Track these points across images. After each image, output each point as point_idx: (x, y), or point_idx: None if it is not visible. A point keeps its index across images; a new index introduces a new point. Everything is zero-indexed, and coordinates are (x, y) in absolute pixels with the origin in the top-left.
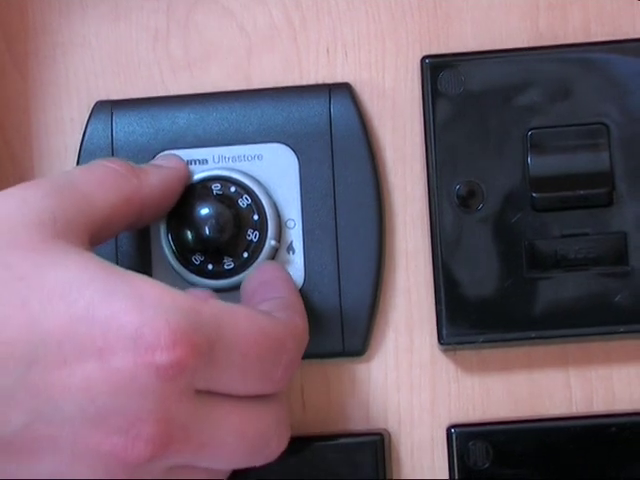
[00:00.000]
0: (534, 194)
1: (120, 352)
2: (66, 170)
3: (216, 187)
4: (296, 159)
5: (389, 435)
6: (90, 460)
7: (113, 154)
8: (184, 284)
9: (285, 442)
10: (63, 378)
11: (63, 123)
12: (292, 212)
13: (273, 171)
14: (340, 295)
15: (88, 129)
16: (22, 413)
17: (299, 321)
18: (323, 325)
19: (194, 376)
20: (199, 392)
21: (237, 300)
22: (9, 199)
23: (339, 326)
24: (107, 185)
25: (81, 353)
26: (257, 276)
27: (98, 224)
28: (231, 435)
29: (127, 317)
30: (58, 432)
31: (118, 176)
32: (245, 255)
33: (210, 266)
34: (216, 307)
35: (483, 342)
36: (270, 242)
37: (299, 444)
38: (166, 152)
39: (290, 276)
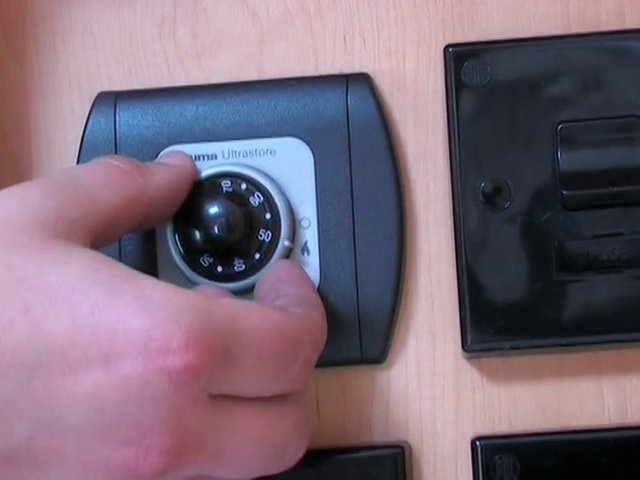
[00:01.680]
0: (564, 191)
1: (129, 357)
2: (68, 168)
3: (226, 184)
4: (311, 154)
5: (410, 448)
6: (99, 474)
7: (116, 148)
8: (192, 287)
9: (304, 447)
10: (68, 387)
11: (63, 115)
12: (307, 211)
13: (287, 167)
14: (358, 299)
15: (90, 122)
16: (25, 424)
17: (316, 316)
18: (340, 330)
19: (209, 380)
20: (213, 397)
21: None
22: (9, 199)
23: (357, 332)
24: (111, 184)
25: (87, 359)
26: (272, 275)
27: (101, 225)
28: (248, 441)
29: (135, 320)
30: (63, 444)
31: (123, 175)
32: (257, 256)
33: (220, 268)
34: (229, 306)
35: (510, 349)
36: (283, 242)
37: (314, 457)
38: (172, 147)
39: (306, 274)
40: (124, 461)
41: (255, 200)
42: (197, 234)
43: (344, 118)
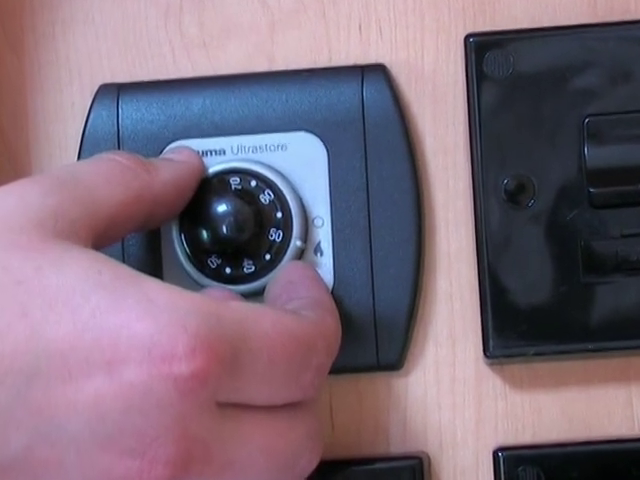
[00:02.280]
0: (591, 189)
1: (132, 363)
2: (68, 164)
3: (235, 181)
4: (324, 150)
5: (429, 459)
6: None
7: (119, 143)
8: (199, 290)
9: (317, 458)
10: (68, 394)
11: (63, 109)
12: (320, 209)
13: (299, 163)
14: (374, 302)
15: (91, 115)
16: (23, 434)
17: (330, 320)
18: (355, 336)
19: (217, 388)
20: (221, 405)
21: None
22: (6, 197)
23: (373, 336)
24: (114, 181)
25: (88, 366)
26: (283, 277)
27: (104, 224)
28: (258, 452)
29: (139, 324)
30: (63, 455)
31: (126, 171)
32: (267, 257)
33: (228, 270)
34: (238, 309)
35: (534, 355)
36: (295, 242)
37: (328, 469)
38: (178, 142)
39: (319, 276)
40: (127, 473)
41: (265, 198)
42: (204, 234)
43: (359, 111)
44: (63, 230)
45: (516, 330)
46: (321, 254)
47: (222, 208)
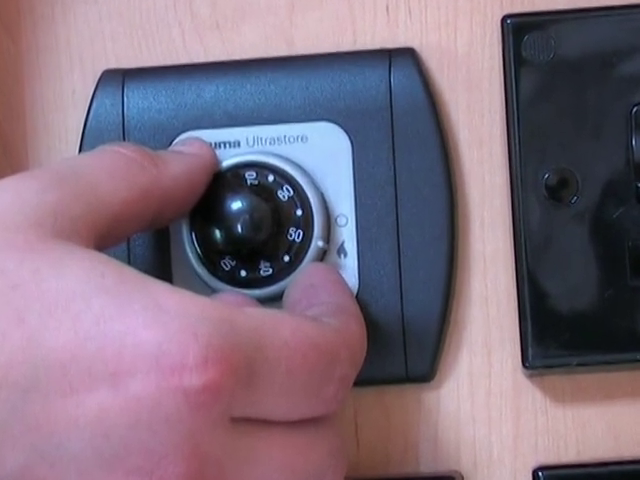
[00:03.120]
0: None
1: (139, 375)
2: (69, 157)
3: (250, 176)
4: (348, 141)
5: (462, 478)
6: None
7: (124, 134)
8: (211, 294)
9: (341, 477)
10: (69, 409)
11: (63, 97)
12: (343, 206)
13: (320, 156)
14: (402, 307)
15: (94, 104)
16: (19, 452)
17: (354, 327)
18: (381, 344)
19: (230, 402)
20: (235, 420)
21: None
22: (1, 194)
23: (401, 345)
24: (119, 176)
25: (90, 377)
26: (303, 280)
27: (107, 223)
28: (275, 472)
29: (146, 332)
30: (63, 475)
31: (132, 165)
32: (286, 259)
33: (243, 272)
34: (254, 316)
35: (578, 365)
36: (317, 243)
37: None
38: (189, 133)
39: (343, 279)
40: None
41: (284, 194)
42: (217, 233)
43: (386, 99)
44: (63, 229)
45: (558, 338)
46: (345, 255)
47: (237, 205)
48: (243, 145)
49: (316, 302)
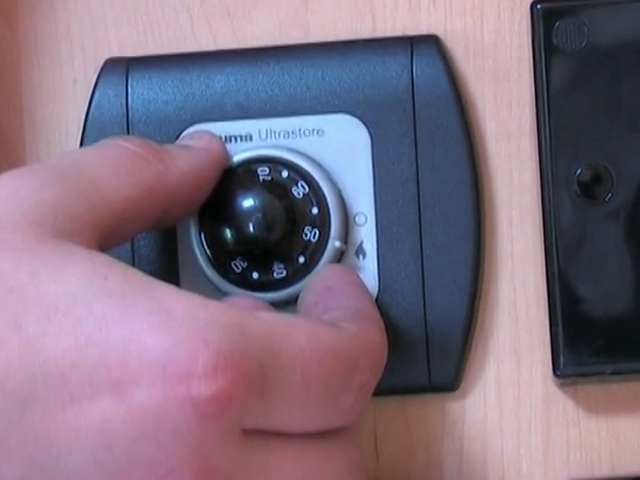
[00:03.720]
0: None
1: (144, 384)
2: (69, 151)
3: (263, 171)
4: (367, 135)
5: None
6: None
7: (128, 128)
8: (221, 298)
9: None
10: (69, 419)
11: (63, 87)
12: (362, 204)
13: (338, 150)
14: (425, 312)
15: (96, 95)
16: (16, 466)
17: (374, 333)
18: (403, 351)
19: (242, 412)
20: (247, 432)
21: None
22: None
23: (424, 352)
24: (123, 172)
25: (92, 386)
26: (319, 283)
27: (110, 222)
28: None
29: (152, 338)
30: None
31: (137, 160)
32: (301, 260)
33: (255, 274)
34: (267, 321)
35: (612, 374)
36: (334, 243)
37: None
38: (197, 126)
39: (362, 281)
40: None
41: (299, 191)
42: (228, 233)
43: (408, 90)
44: (63, 228)
45: (591, 345)
46: (363, 256)
47: (248, 203)
48: (255, 139)
49: (333, 306)
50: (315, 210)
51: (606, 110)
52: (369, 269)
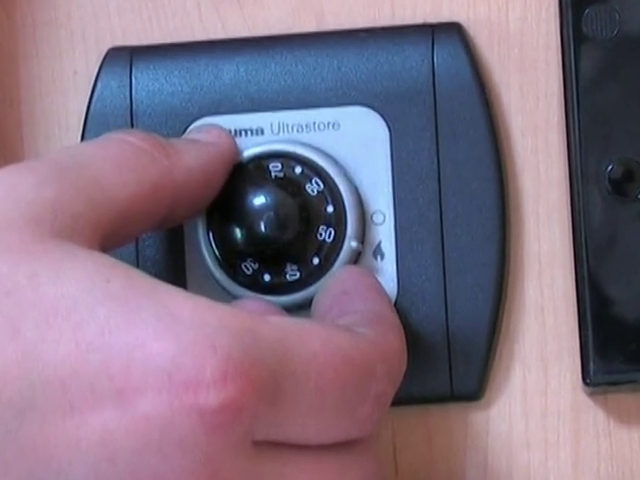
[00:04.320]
0: None
1: (149, 392)
2: (70, 146)
3: (275, 167)
4: (386, 128)
5: None
6: None
7: (132, 121)
8: (230, 302)
9: None
10: (69, 430)
11: (63, 78)
12: (380, 202)
13: (354, 145)
14: (447, 316)
15: (98, 86)
16: (13, 479)
17: (393, 338)
18: (423, 358)
19: (252, 423)
20: (258, 444)
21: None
22: None
23: (445, 359)
24: (126, 168)
25: (94, 395)
26: (335, 285)
27: (113, 220)
28: None
29: (157, 344)
30: None
31: (142, 155)
32: (315, 261)
33: (267, 277)
34: (279, 326)
35: None
36: (350, 243)
37: None
38: (205, 120)
39: (380, 284)
40: None
41: (313, 188)
42: (238, 233)
43: (429, 81)
44: (63, 228)
45: (623, 351)
46: (382, 257)
47: (260, 201)
48: (267, 133)
49: (349, 310)
50: (330, 208)
51: (639, 102)
52: (387, 271)
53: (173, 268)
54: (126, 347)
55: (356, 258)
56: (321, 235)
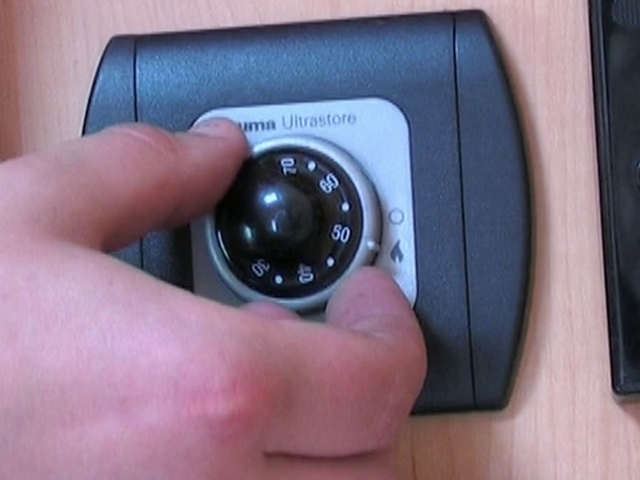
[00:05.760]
0: None
1: (154, 401)
2: (70, 141)
3: (287, 163)
4: (405, 122)
5: None
6: None
7: (136, 114)
8: (240, 305)
9: None
10: (70, 442)
11: (63, 69)
12: (399, 200)
13: (371, 139)
14: (469, 321)
15: (100, 78)
16: None
17: (412, 344)
18: (444, 365)
19: (264, 434)
20: (270, 456)
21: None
22: None
23: (467, 366)
24: (130, 163)
25: (96, 404)
26: (350, 288)
27: (116, 219)
28: None
29: (163, 350)
30: None
31: (146, 150)
32: (330, 262)
33: (279, 279)
34: (292, 331)
35: None
36: (366, 243)
37: None
38: (213, 113)
39: (398, 287)
40: None
41: (327, 185)
42: (248, 232)
43: (450, 72)
44: (63, 227)
45: None
46: (400, 258)
47: (271, 199)
48: (279, 126)
49: (366, 314)
50: (346, 206)
51: None
52: (406, 273)
53: (180, 270)
54: (130, 353)
55: (373, 259)
56: (336, 235)
